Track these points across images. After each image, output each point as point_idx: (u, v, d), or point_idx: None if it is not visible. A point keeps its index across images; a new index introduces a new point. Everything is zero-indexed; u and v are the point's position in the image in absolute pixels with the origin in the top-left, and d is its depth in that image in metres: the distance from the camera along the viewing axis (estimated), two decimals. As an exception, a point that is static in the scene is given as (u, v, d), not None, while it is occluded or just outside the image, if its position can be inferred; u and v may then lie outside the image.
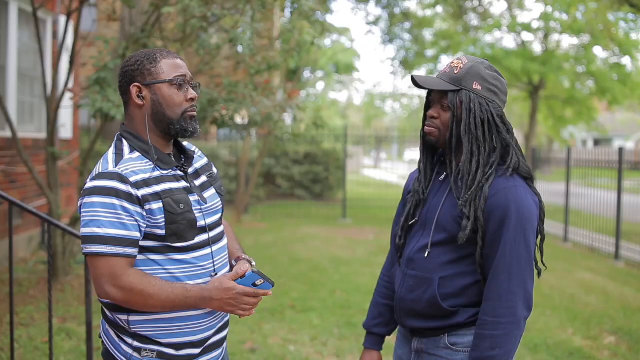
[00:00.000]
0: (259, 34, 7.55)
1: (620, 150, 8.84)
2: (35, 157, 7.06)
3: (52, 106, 5.75)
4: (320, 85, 38.76)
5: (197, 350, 1.87)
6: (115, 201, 1.73)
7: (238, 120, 9.74)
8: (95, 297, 5.51)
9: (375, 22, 20.11)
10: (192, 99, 1.87)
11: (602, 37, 16.65)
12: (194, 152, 2.01)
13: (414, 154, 32.88)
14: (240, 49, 6.28)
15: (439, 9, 19.95)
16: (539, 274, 1.97)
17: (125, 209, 1.74)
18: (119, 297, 1.74)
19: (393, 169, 28.47)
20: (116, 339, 1.86)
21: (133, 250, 1.76)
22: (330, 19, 32.24)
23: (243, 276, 1.80)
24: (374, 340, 2.17)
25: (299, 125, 12.90)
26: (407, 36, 20.50)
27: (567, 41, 19.51)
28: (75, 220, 6.01)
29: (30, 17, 6.96)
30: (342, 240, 9.90)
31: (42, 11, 7.09)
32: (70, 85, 6.34)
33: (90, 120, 9.79)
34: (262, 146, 12.30)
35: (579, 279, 7.35)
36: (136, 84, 1.85)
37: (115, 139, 1.90)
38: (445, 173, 1.99)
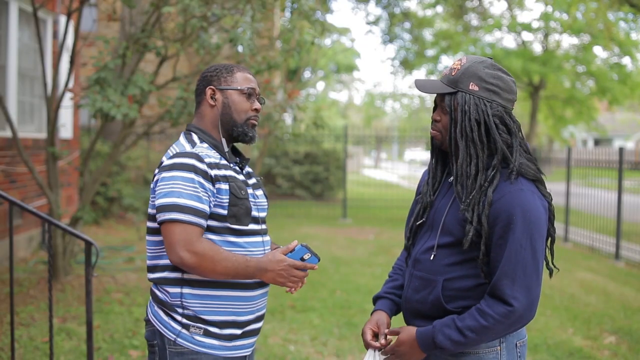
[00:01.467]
0: (259, 33, 7.54)
1: (621, 150, 8.84)
2: (36, 157, 7.06)
3: (53, 106, 5.75)
4: (320, 85, 38.78)
5: (238, 331, 2.04)
6: (194, 176, 1.95)
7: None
8: (96, 296, 5.53)
9: (375, 22, 20.12)
10: (256, 109, 2.13)
11: (602, 37, 16.65)
12: (248, 158, 2.23)
13: (414, 153, 32.89)
14: (240, 48, 6.28)
15: (439, 9, 19.95)
16: (551, 274, 1.96)
17: (201, 185, 1.95)
18: (191, 262, 1.90)
19: (393, 169, 28.46)
20: (165, 317, 2.01)
21: (205, 222, 1.96)
22: (330, 19, 32.25)
23: (292, 250, 2.00)
24: (385, 303, 2.09)
25: (299, 125, 12.89)
26: (407, 36, 20.51)
27: (567, 41, 19.52)
28: (76, 220, 6.01)
29: (31, 17, 6.96)
30: (342, 240, 9.90)
31: (43, 11, 7.09)
32: (71, 85, 6.34)
33: (91, 120, 9.79)
34: (262, 146, 12.29)
35: (579, 279, 7.35)
36: (211, 87, 2.11)
37: (183, 133, 2.13)
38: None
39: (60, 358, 4.13)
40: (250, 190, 2.11)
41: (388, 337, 1.98)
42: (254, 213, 2.08)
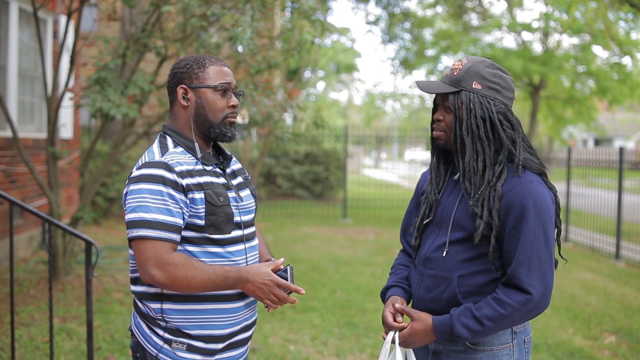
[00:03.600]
0: (259, 33, 7.54)
1: (621, 150, 8.84)
2: (36, 156, 7.06)
3: (53, 106, 5.75)
4: (320, 85, 38.80)
5: (224, 344, 1.95)
6: (162, 188, 1.82)
7: (238, 119, 9.73)
8: (97, 296, 5.53)
9: (375, 22, 20.13)
10: (233, 106, 1.98)
11: (602, 37, 16.65)
12: (231, 155, 2.11)
13: (414, 153, 32.89)
14: (240, 48, 6.28)
15: (439, 8, 19.96)
16: (555, 265, 1.96)
17: (171, 196, 1.83)
18: (163, 280, 1.80)
19: (393, 169, 28.45)
20: (147, 331, 1.93)
21: (177, 236, 1.85)
22: (330, 18, 32.27)
23: (279, 269, 1.90)
24: (397, 290, 2.08)
25: (300, 125, 12.89)
26: (407, 36, 20.51)
27: (567, 41, 19.52)
28: (76, 220, 6.01)
29: (31, 17, 6.96)
30: (342, 240, 9.90)
31: (43, 11, 7.09)
32: (71, 85, 6.34)
33: (91, 120, 9.79)
34: (262, 146, 12.29)
35: (580, 279, 7.35)
36: (183, 85, 1.97)
37: (158, 136, 2.00)
38: (459, 172, 1.99)
39: (60, 358, 4.13)
40: (232, 194, 1.97)
41: (399, 318, 1.96)
42: (237, 218, 1.95)
